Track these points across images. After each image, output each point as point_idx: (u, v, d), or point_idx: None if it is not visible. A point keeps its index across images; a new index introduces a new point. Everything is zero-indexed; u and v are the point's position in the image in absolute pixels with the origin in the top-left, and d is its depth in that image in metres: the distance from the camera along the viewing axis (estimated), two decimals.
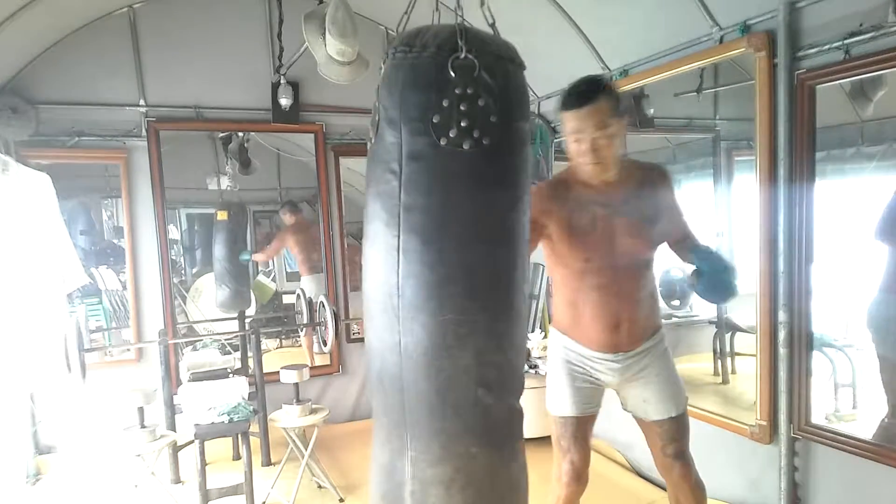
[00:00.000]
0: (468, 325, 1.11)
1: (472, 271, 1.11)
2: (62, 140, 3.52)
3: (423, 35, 1.10)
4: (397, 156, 1.09)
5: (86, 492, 3.19)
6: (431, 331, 1.09)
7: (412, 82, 1.09)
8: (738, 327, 2.79)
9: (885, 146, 2.14)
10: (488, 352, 1.13)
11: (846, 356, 2.31)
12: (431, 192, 1.09)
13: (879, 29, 1.93)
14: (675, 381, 1.97)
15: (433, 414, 1.11)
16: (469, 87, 1.07)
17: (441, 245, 1.10)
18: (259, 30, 3.87)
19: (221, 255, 4.21)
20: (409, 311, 1.09)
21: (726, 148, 2.86)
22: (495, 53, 1.13)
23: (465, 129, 1.07)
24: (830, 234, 2.24)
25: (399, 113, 1.09)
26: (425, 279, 1.09)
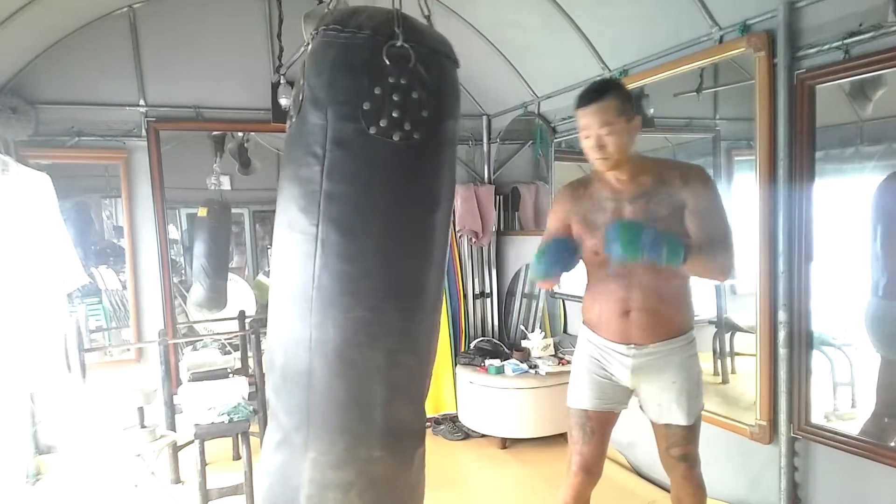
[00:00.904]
0: (382, 324, 1.06)
1: (390, 269, 1.06)
2: (62, 140, 3.52)
3: (358, 16, 1.04)
4: (321, 139, 1.02)
5: (86, 492, 3.19)
6: (344, 327, 1.03)
7: (343, 63, 1.02)
8: (738, 327, 2.79)
9: (885, 146, 2.14)
10: (400, 352, 1.08)
11: (845, 355, 2.31)
12: (356, 181, 1.03)
13: (879, 29, 1.93)
14: (695, 391, 1.95)
15: (339, 413, 1.06)
16: (403, 77, 1.01)
17: (361, 238, 1.04)
18: (259, 30, 3.87)
19: (200, 253, 4.15)
20: (322, 304, 1.03)
21: (726, 148, 2.86)
22: (431, 46, 1.08)
23: (397, 119, 1.01)
24: (830, 234, 2.24)
25: (326, 94, 1.02)
26: (342, 273, 1.03)
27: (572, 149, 3.69)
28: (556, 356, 3.77)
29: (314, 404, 1.06)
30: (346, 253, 1.03)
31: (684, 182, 1.86)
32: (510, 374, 3.63)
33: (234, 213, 4.31)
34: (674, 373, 1.93)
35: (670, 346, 1.93)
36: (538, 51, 3.45)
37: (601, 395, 1.99)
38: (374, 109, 1.01)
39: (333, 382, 1.05)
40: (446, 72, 1.10)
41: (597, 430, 1.99)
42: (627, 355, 1.93)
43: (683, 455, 1.97)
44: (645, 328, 1.90)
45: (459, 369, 3.92)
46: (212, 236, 4.18)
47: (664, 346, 1.92)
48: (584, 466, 2.00)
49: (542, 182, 4.15)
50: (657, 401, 1.96)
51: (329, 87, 1.02)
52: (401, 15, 1.04)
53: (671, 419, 1.95)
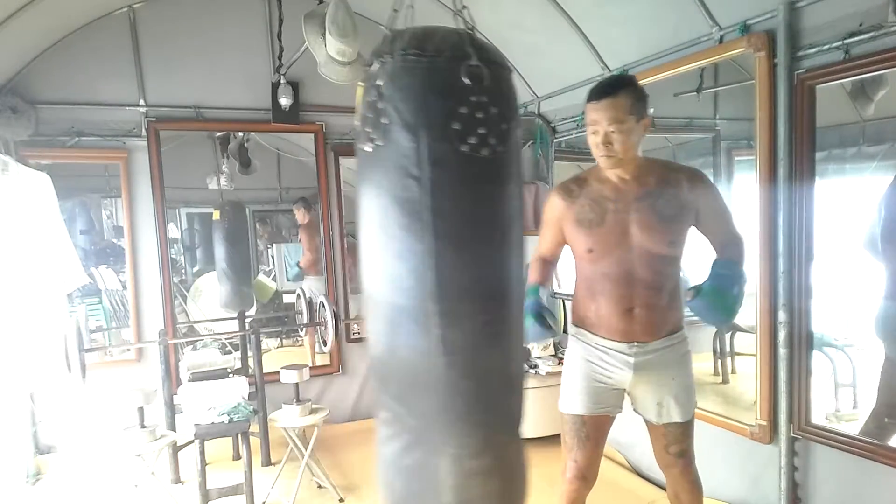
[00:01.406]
0: (498, 325, 1.18)
1: (496, 274, 1.18)
2: (62, 140, 3.52)
3: (432, 39, 1.11)
4: (416, 161, 1.09)
5: (86, 492, 3.19)
6: (467, 332, 1.14)
7: (431, 87, 1.09)
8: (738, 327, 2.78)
9: (887, 146, 2.14)
10: (511, 349, 1.22)
11: (846, 356, 2.30)
12: (456, 197, 1.12)
13: (879, 29, 1.93)
14: (690, 388, 1.97)
15: (472, 409, 1.17)
16: (482, 94, 1.09)
17: (471, 248, 1.14)
18: (259, 30, 3.87)
19: (220, 256, 4.22)
20: (444, 314, 1.12)
21: (726, 148, 2.85)
22: (495, 61, 1.15)
23: (483, 136, 1.09)
24: (830, 234, 2.24)
25: (417, 118, 1.09)
26: (459, 282, 1.13)
27: (572, 149, 3.69)
28: (555, 356, 3.77)
29: (448, 405, 1.17)
30: (460, 264, 1.13)
31: (689, 185, 1.87)
32: None
33: None
34: (673, 369, 1.94)
35: (670, 343, 1.93)
36: (538, 51, 3.44)
37: (596, 399, 1.96)
38: (463, 129, 1.09)
39: (463, 383, 1.16)
40: (509, 82, 1.19)
41: (592, 436, 1.97)
42: (629, 354, 1.91)
43: (681, 451, 1.98)
44: (648, 325, 1.90)
45: None
46: (228, 238, 4.23)
47: (665, 343, 1.93)
48: (580, 473, 1.97)
49: (543, 182, 4.15)
50: (657, 399, 1.95)
51: (420, 111, 1.09)
52: (469, 34, 1.13)
53: (672, 417, 1.95)
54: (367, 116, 1.13)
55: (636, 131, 1.80)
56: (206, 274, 4.31)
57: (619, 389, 1.98)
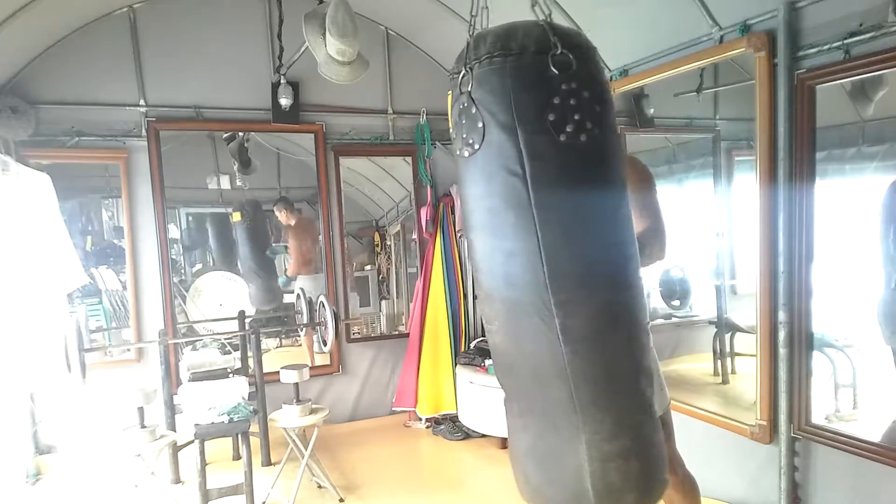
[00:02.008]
0: (616, 308, 1.18)
1: (609, 257, 1.17)
2: (62, 140, 3.52)
3: (515, 36, 1.12)
4: (517, 158, 1.10)
5: (86, 492, 3.19)
6: (588, 318, 1.15)
7: (521, 85, 1.11)
8: (738, 327, 2.79)
9: (887, 146, 2.14)
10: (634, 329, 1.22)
11: (846, 356, 2.30)
12: (560, 188, 1.12)
13: (879, 29, 1.93)
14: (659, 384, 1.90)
15: (603, 393, 1.19)
16: (572, 81, 1.10)
17: (580, 236, 1.14)
18: (259, 30, 3.87)
19: (245, 256, 4.28)
20: (562, 303, 1.13)
21: (726, 148, 2.85)
22: (580, 44, 1.15)
23: (580, 122, 1.10)
24: (830, 234, 2.24)
25: (512, 116, 1.10)
26: (573, 271, 1.13)
27: None
28: None
29: (576, 392, 1.18)
30: (571, 253, 1.13)
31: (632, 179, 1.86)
32: None
33: None
34: None
35: None
36: None
37: None
38: (558, 119, 1.09)
39: (589, 369, 1.17)
40: (596, 62, 1.18)
41: None
42: None
43: None
44: None
45: (459, 369, 3.92)
46: (251, 237, 4.27)
47: None
48: None
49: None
50: None
51: (513, 109, 1.11)
52: (551, 25, 1.14)
53: None
54: (460, 123, 1.17)
55: None
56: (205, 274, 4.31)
57: None
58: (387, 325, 4.68)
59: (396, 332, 4.55)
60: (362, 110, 4.15)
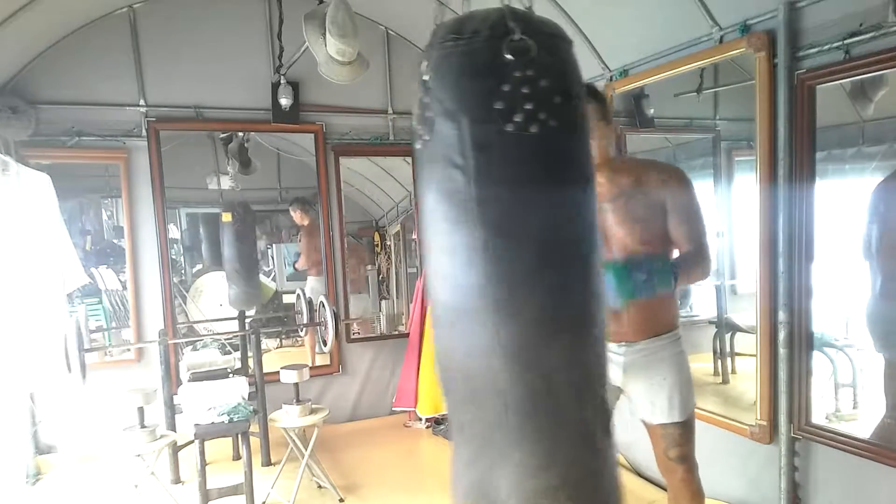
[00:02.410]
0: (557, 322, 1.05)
1: (554, 263, 1.05)
2: (62, 140, 3.52)
3: (472, 21, 1.05)
4: (460, 148, 1.02)
5: (86, 492, 3.19)
6: (521, 330, 1.03)
7: (469, 70, 1.03)
8: (739, 327, 2.79)
9: (886, 146, 2.14)
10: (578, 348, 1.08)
11: (847, 356, 2.30)
12: (505, 182, 1.03)
13: (879, 29, 1.93)
14: (686, 387, 1.96)
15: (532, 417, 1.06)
16: (528, 69, 1.01)
17: (522, 237, 1.03)
18: (259, 30, 3.87)
19: (231, 257, 4.21)
20: (496, 311, 1.03)
21: (726, 148, 2.86)
22: (546, 31, 1.07)
23: (531, 112, 1.00)
24: (830, 234, 2.24)
25: (458, 103, 1.02)
26: (510, 275, 1.03)
27: None
28: None
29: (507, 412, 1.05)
30: (510, 255, 1.02)
31: (662, 184, 1.86)
32: None
33: None
34: (664, 369, 1.94)
35: (659, 343, 1.94)
36: None
37: None
38: (507, 107, 1.00)
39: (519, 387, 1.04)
40: (565, 53, 1.09)
41: None
42: (619, 354, 1.95)
43: (681, 456, 1.96)
44: (634, 326, 1.91)
45: None
46: (239, 239, 4.22)
47: (654, 343, 1.93)
48: None
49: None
50: (650, 399, 1.96)
51: (459, 96, 1.03)
52: (511, 9, 1.04)
53: (665, 417, 1.95)
54: (416, 114, 1.09)
55: (605, 136, 1.85)
56: (205, 274, 4.32)
57: (613, 386, 2.00)
58: (387, 325, 4.68)
59: (396, 332, 4.55)
60: (362, 110, 4.15)
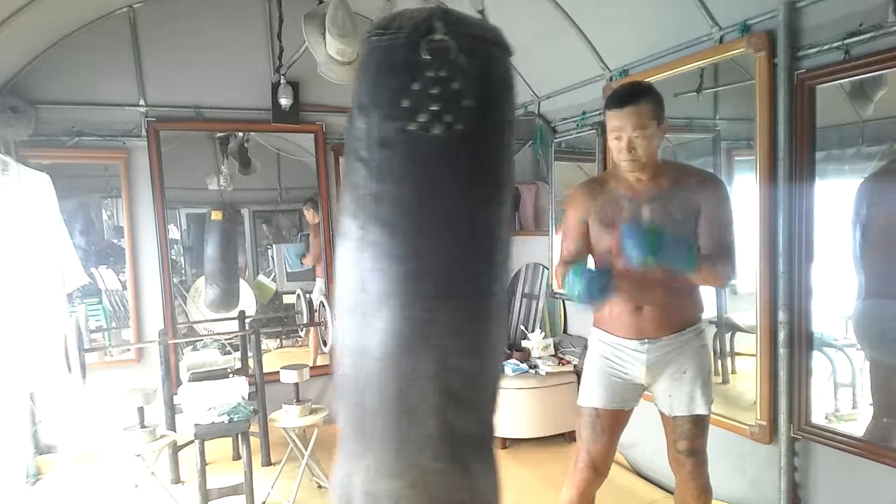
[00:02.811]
0: (434, 325, 1.01)
1: (442, 267, 1.02)
2: (62, 140, 3.52)
3: (400, 18, 1.04)
4: (366, 143, 1.02)
5: (86, 492, 3.19)
6: (394, 330, 1.01)
7: (385, 65, 1.02)
8: (739, 327, 2.79)
9: (886, 146, 2.14)
10: (457, 356, 1.04)
11: (846, 356, 2.30)
12: (402, 180, 1.01)
13: (879, 29, 1.93)
14: (705, 382, 1.98)
15: (392, 421, 1.03)
16: (443, 69, 1.00)
17: (410, 237, 1.01)
18: (259, 30, 3.87)
19: (214, 255, 4.17)
20: (373, 308, 1.01)
21: (726, 148, 2.85)
22: (476, 35, 1.05)
23: (436, 113, 0.99)
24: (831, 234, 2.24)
25: (371, 98, 1.03)
26: (392, 274, 1.00)
27: (572, 149, 3.69)
28: (556, 356, 3.77)
29: (370, 411, 1.05)
30: (395, 253, 1.00)
31: (701, 189, 1.91)
32: (510, 374, 3.63)
33: None
34: (684, 362, 1.96)
35: (682, 338, 1.96)
36: (538, 51, 3.44)
37: (612, 394, 2.02)
38: (413, 105, 0.99)
39: (385, 389, 1.03)
40: (492, 60, 1.08)
41: (606, 429, 2.03)
42: (641, 351, 1.96)
43: (691, 449, 1.98)
44: (656, 322, 1.94)
45: None
46: (225, 238, 4.21)
47: (676, 338, 1.95)
48: (592, 464, 2.03)
49: (543, 182, 4.15)
50: (668, 392, 1.99)
51: (373, 91, 1.03)
52: (442, 10, 1.03)
53: (682, 410, 1.97)
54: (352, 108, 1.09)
55: (657, 136, 1.87)
56: None
57: (636, 384, 2.02)
58: None
59: None
60: None
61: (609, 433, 2.03)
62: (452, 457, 1.05)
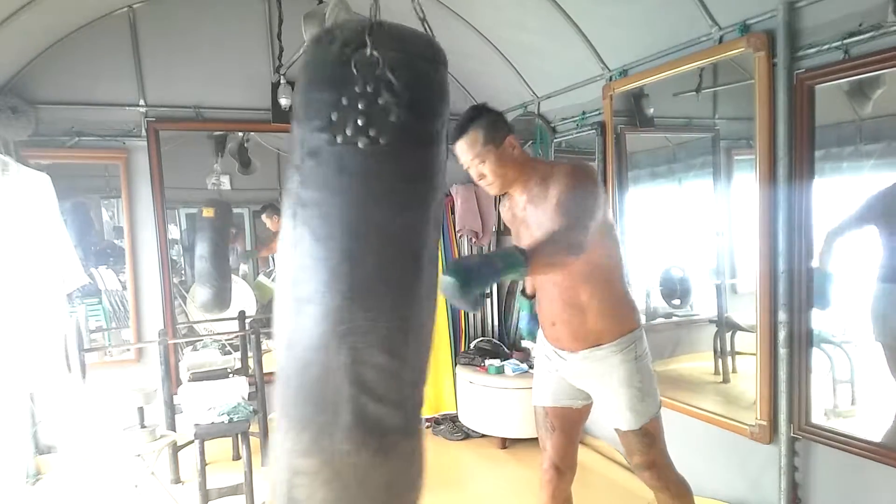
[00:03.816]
0: (348, 323, 1.08)
1: (357, 269, 1.09)
2: (62, 140, 3.52)
3: (334, 30, 1.09)
4: (299, 152, 1.09)
5: (86, 492, 3.19)
6: (313, 325, 1.09)
7: (315, 79, 1.09)
8: (739, 326, 2.79)
9: (884, 144, 2.14)
10: (366, 351, 1.10)
11: (844, 352, 2.31)
12: (325, 189, 1.09)
13: (878, 29, 1.93)
14: (637, 396, 1.89)
15: (307, 406, 1.12)
16: (369, 84, 1.05)
17: (330, 241, 1.08)
18: (259, 30, 3.87)
19: (206, 254, 4.08)
20: (296, 304, 1.11)
21: (726, 147, 2.86)
22: (408, 50, 1.10)
23: (361, 127, 1.05)
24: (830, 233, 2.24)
25: (303, 110, 1.09)
26: (313, 274, 1.09)
27: (572, 149, 3.69)
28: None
29: (288, 397, 1.14)
30: (317, 254, 1.09)
31: (556, 182, 1.79)
32: (510, 374, 3.63)
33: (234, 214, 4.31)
34: (610, 379, 1.92)
35: (601, 353, 1.91)
36: (538, 51, 3.45)
37: (557, 392, 2.05)
38: (340, 119, 1.05)
39: (301, 377, 1.12)
40: (422, 74, 1.12)
41: (557, 426, 2.05)
42: (565, 359, 2.00)
43: (643, 464, 1.94)
44: (569, 336, 1.95)
45: (459, 369, 3.92)
46: (217, 237, 4.16)
47: (595, 352, 1.92)
48: (552, 463, 2.04)
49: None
50: (603, 405, 1.99)
51: (304, 104, 1.09)
52: (377, 23, 1.06)
53: (617, 424, 1.96)
54: None
55: (502, 155, 1.82)
56: None
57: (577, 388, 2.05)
58: None
59: None
60: None
61: (562, 430, 2.04)
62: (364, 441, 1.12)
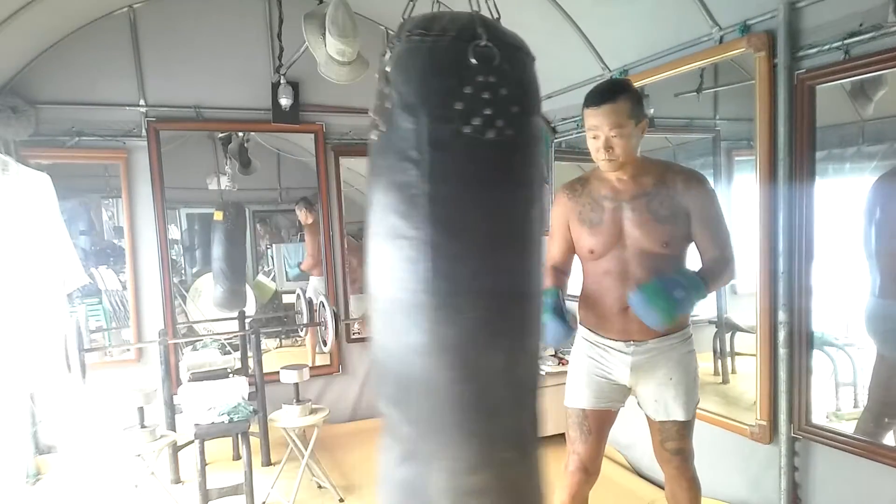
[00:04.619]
0: (498, 323, 1.06)
1: (499, 266, 1.06)
2: (62, 140, 3.52)
3: (441, 20, 1.06)
4: (415, 143, 1.02)
5: (86, 492, 3.19)
6: (462, 329, 1.03)
7: (433, 67, 1.03)
8: (739, 327, 2.79)
9: (886, 145, 2.14)
10: (518, 351, 1.09)
11: (847, 355, 2.31)
12: (457, 182, 1.04)
13: (879, 29, 1.93)
14: (691, 387, 1.97)
15: (469, 417, 1.05)
16: (491, 75, 1.03)
17: (469, 237, 1.04)
18: (259, 30, 3.87)
19: (219, 255, 4.22)
20: (437, 308, 1.03)
21: (726, 148, 2.86)
22: (512, 44, 1.09)
23: (489, 117, 1.02)
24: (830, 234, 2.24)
25: (418, 98, 1.03)
26: (454, 274, 1.03)
27: (572, 149, 3.69)
28: (556, 356, 3.77)
29: (441, 411, 1.06)
30: (456, 254, 1.03)
31: (686, 187, 1.88)
32: None
33: None
34: (672, 369, 1.94)
35: (668, 343, 1.94)
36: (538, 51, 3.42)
37: (598, 394, 2.01)
38: (466, 109, 1.01)
39: (458, 386, 1.04)
40: (528, 67, 1.12)
41: (594, 429, 2.01)
42: (627, 352, 1.95)
43: (678, 449, 1.99)
44: (642, 325, 1.89)
45: None
46: (229, 238, 4.24)
47: (662, 343, 1.94)
48: (582, 466, 2.02)
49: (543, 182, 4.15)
50: (654, 397, 1.98)
51: (421, 92, 1.03)
52: (481, 15, 1.06)
53: (668, 415, 1.96)
54: (376, 105, 1.09)
55: (635, 134, 1.84)
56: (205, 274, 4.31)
57: (621, 385, 2.00)
58: None
59: None
60: (362, 110, 4.14)
61: (597, 434, 2.02)
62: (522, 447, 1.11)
